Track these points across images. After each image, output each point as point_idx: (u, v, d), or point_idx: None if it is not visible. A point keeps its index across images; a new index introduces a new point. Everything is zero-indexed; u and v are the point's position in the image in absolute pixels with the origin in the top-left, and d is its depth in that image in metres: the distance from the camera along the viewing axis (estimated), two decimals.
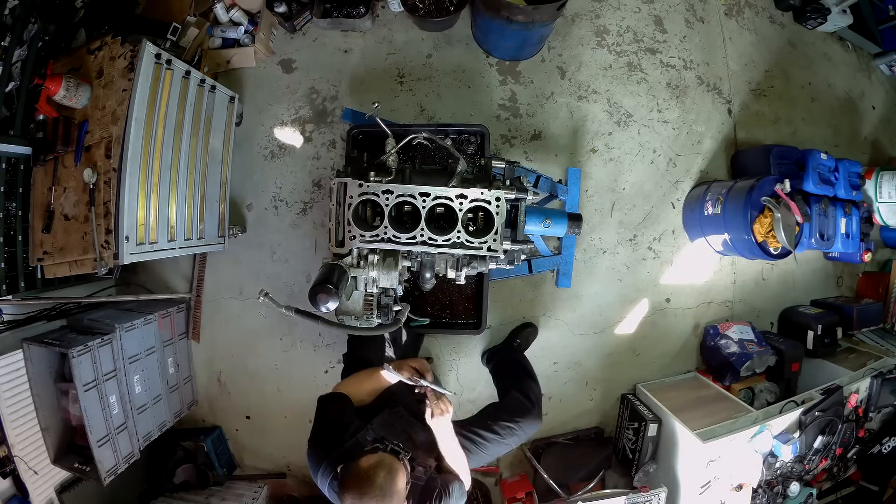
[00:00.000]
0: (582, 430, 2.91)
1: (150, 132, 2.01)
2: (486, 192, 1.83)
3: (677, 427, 2.46)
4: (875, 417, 2.79)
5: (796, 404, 2.51)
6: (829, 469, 2.74)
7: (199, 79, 2.28)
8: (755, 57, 3.12)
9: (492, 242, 1.85)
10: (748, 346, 2.79)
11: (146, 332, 2.45)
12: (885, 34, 3.46)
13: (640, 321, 2.92)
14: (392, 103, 2.76)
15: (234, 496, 2.69)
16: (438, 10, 2.62)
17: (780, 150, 2.79)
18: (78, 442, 2.24)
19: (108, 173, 1.98)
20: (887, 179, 2.89)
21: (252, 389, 2.87)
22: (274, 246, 2.80)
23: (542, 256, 2.78)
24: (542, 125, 2.81)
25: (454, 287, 2.55)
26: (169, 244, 2.18)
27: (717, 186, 2.72)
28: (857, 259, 3.06)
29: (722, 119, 3.02)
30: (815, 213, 2.69)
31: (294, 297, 2.77)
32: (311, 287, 1.59)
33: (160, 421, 2.53)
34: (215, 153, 2.46)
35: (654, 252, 2.91)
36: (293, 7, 2.67)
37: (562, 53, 2.84)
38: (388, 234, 1.83)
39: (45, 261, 2.15)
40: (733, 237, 2.57)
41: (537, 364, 2.85)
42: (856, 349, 3.03)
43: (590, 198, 2.84)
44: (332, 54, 2.80)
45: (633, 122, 2.88)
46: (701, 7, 3.02)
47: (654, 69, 2.91)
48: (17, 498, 2.11)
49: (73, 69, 2.17)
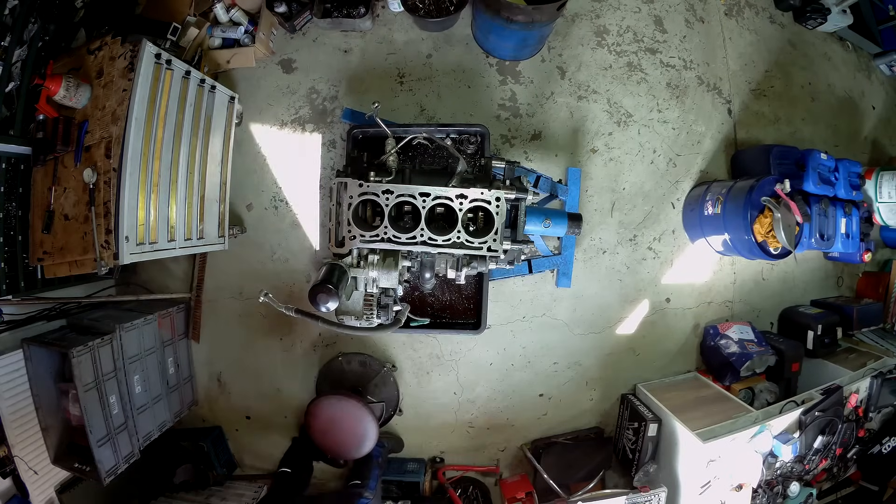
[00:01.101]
0: (582, 430, 2.91)
1: (150, 132, 2.01)
2: (486, 192, 1.83)
3: (677, 427, 2.46)
4: (875, 417, 2.80)
5: (796, 404, 2.51)
6: (829, 469, 2.75)
7: (199, 79, 2.28)
8: (755, 57, 3.12)
9: (492, 242, 1.85)
10: (748, 346, 2.79)
11: (146, 332, 2.45)
12: (885, 34, 3.46)
13: (640, 321, 2.92)
14: (392, 103, 2.76)
15: (234, 496, 2.69)
16: (438, 10, 2.62)
17: (780, 150, 2.79)
18: (78, 442, 2.23)
19: (108, 173, 1.98)
20: (887, 179, 2.89)
21: (252, 389, 2.87)
22: (274, 246, 2.80)
23: (542, 256, 2.78)
24: (542, 125, 2.81)
25: (454, 287, 2.55)
26: (169, 244, 2.18)
27: (717, 186, 2.72)
28: (857, 259, 3.06)
29: (722, 119, 3.02)
30: (815, 213, 2.69)
31: (294, 297, 2.77)
32: (311, 287, 1.59)
33: (160, 421, 2.53)
34: (215, 153, 2.46)
35: (654, 252, 2.91)
36: (293, 7, 2.67)
37: (562, 53, 2.84)
38: (388, 235, 1.83)
39: (45, 261, 2.15)
40: (733, 237, 2.57)
41: (538, 364, 2.87)
42: (856, 349, 3.03)
43: (590, 198, 2.84)
44: (332, 54, 2.80)
45: (633, 122, 2.88)
46: (701, 7, 3.02)
47: (654, 69, 2.91)
48: (17, 498, 2.11)
49: (73, 69, 2.17)
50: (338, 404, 2.40)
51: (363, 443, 2.41)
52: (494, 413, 2.89)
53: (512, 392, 2.88)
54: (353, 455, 2.47)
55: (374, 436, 2.40)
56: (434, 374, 2.84)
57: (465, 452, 2.91)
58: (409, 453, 2.89)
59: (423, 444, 2.90)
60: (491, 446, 2.92)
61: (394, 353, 2.83)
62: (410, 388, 2.85)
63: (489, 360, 2.85)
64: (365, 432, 2.39)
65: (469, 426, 2.90)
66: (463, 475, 2.86)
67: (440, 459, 2.89)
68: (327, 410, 2.41)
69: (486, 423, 2.90)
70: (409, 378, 2.85)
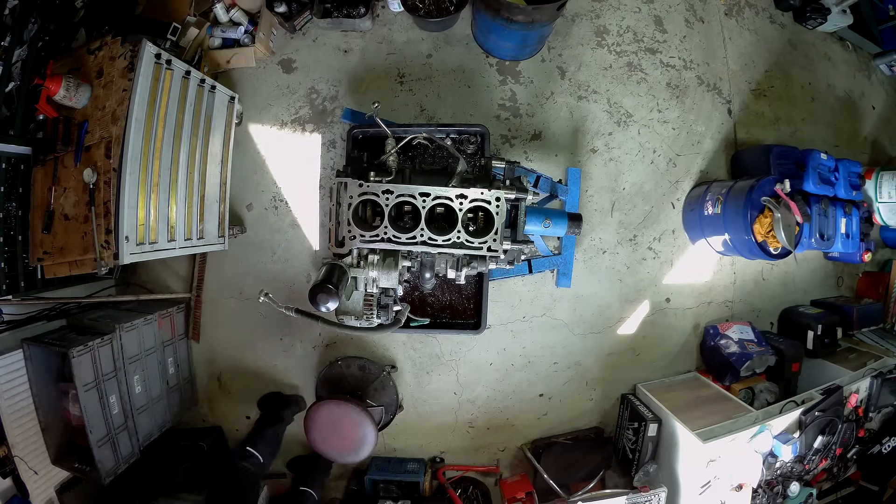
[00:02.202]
0: (582, 430, 2.91)
1: (150, 132, 2.01)
2: (486, 192, 1.83)
3: (677, 427, 2.46)
4: (875, 417, 2.80)
5: (796, 404, 2.51)
6: (829, 469, 2.75)
7: (199, 79, 2.28)
8: (755, 57, 3.12)
9: (492, 242, 1.85)
10: (748, 346, 2.79)
11: (146, 332, 2.45)
12: (885, 34, 3.46)
13: (641, 321, 2.92)
14: (392, 103, 2.76)
15: None
16: (438, 10, 2.62)
17: (780, 150, 2.79)
18: (78, 442, 2.23)
19: (108, 173, 1.98)
20: (887, 179, 2.89)
21: (252, 389, 2.87)
22: (274, 246, 2.80)
23: (542, 256, 2.78)
24: (542, 125, 2.81)
25: (454, 287, 2.55)
26: (169, 244, 2.18)
27: (717, 186, 2.72)
28: (857, 259, 3.06)
29: (722, 119, 3.02)
30: (815, 213, 2.69)
31: (294, 297, 2.77)
32: (311, 287, 1.59)
33: (160, 421, 2.53)
34: (215, 153, 2.46)
35: (654, 252, 2.91)
36: (293, 7, 2.67)
37: (562, 53, 2.84)
38: (388, 235, 1.83)
39: (45, 261, 2.15)
40: (733, 237, 2.57)
41: (538, 364, 2.87)
42: (856, 349, 3.03)
43: (590, 198, 2.84)
44: (332, 54, 2.80)
45: (633, 122, 2.88)
46: (701, 7, 3.02)
47: (654, 69, 2.91)
48: (17, 498, 2.11)
49: (73, 69, 2.17)
50: (337, 409, 2.39)
51: (361, 447, 2.41)
52: (494, 413, 2.89)
53: (512, 392, 2.88)
54: (351, 460, 2.47)
55: (372, 441, 2.39)
56: (434, 374, 2.84)
57: (465, 452, 2.91)
58: (409, 453, 2.89)
59: (423, 444, 2.90)
60: (491, 446, 2.92)
61: (394, 353, 2.83)
62: (410, 389, 2.85)
63: (489, 360, 2.85)
64: (363, 437, 2.39)
65: (469, 426, 2.90)
66: (463, 475, 2.86)
67: (440, 459, 2.89)
68: (326, 415, 2.41)
69: (486, 423, 2.90)
70: (409, 378, 2.85)
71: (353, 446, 2.41)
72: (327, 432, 2.40)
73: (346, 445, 2.41)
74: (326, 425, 2.40)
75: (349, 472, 2.87)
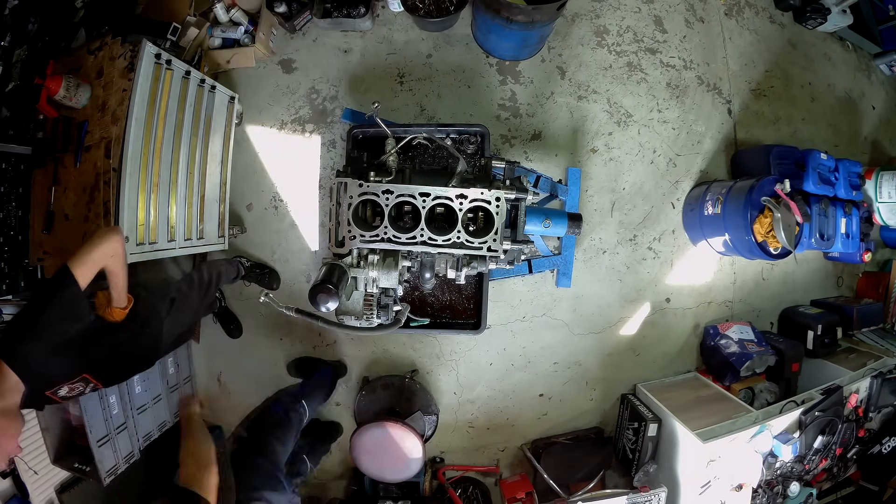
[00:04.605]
0: (582, 430, 2.91)
1: (150, 132, 2.01)
2: (486, 192, 1.83)
3: (677, 427, 2.46)
4: (875, 417, 2.80)
5: (796, 404, 2.51)
6: (829, 469, 2.75)
7: (199, 79, 2.28)
8: (755, 57, 3.12)
9: (492, 242, 1.85)
10: (748, 346, 2.79)
11: None
12: (885, 34, 3.46)
13: (641, 321, 2.92)
14: (392, 103, 2.76)
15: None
16: (438, 10, 2.62)
17: (780, 150, 2.79)
18: (78, 442, 2.23)
19: (108, 173, 1.98)
20: (887, 179, 2.89)
21: (252, 389, 2.87)
22: (274, 246, 2.80)
23: (542, 256, 2.78)
24: (542, 125, 2.81)
25: (454, 287, 2.55)
26: (169, 244, 2.17)
27: (717, 186, 2.72)
28: (857, 259, 3.06)
29: (722, 119, 3.02)
30: (815, 213, 2.69)
31: (294, 297, 2.77)
32: (311, 287, 1.59)
33: (160, 421, 2.53)
34: (215, 153, 2.46)
35: (654, 252, 2.91)
36: (293, 7, 2.67)
37: (562, 53, 2.84)
38: (388, 235, 1.83)
39: (45, 261, 2.14)
40: (733, 237, 2.57)
41: (538, 364, 2.87)
42: (856, 349, 3.03)
43: (590, 198, 2.84)
44: (332, 54, 2.80)
45: (633, 122, 2.88)
46: (701, 7, 3.02)
47: (654, 69, 2.91)
48: (17, 498, 2.10)
49: (73, 69, 2.17)
50: (377, 430, 2.39)
51: (411, 461, 2.43)
52: (494, 413, 2.89)
53: (512, 392, 2.88)
54: (406, 476, 2.48)
55: (419, 451, 2.39)
56: (434, 374, 2.84)
57: (465, 452, 2.91)
58: None
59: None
60: (491, 446, 2.92)
61: (394, 353, 2.83)
62: None
63: (489, 360, 2.85)
64: (410, 450, 2.40)
65: (469, 426, 2.90)
66: (463, 475, 2.86)
67: (440, 459, 2.89)
68: (368, 440, 2.41)
69: (486, 423, 2.90)
70: None
71: (403, 462, 2.43)
72: (374, 456, 2.43)
73: (396, 464, 2.43)
74: (372, 449, 2.42)
75: (349, 472, 2.87)
